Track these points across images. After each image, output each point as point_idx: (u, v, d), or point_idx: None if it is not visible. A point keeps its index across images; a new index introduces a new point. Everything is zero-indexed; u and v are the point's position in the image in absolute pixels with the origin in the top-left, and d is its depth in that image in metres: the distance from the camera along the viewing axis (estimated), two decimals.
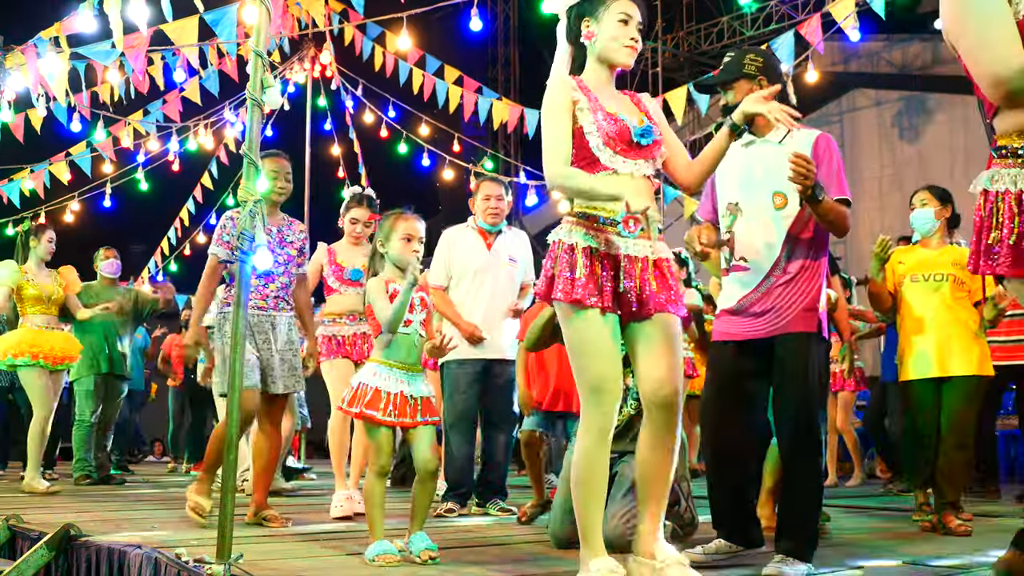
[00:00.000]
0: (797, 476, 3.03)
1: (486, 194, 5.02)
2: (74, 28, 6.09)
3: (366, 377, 3.18)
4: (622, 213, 2.52)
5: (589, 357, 2.57)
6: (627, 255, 2.60)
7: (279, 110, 10.58)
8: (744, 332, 3.11)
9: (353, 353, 4.80)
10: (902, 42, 12.16)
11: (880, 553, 3.50)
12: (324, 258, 4.90)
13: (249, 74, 2.89)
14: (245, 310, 2.78)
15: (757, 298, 3.07)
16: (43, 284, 6.23)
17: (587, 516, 2.58)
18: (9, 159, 9.80)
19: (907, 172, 11.83)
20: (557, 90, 2.68)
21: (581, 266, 2.56)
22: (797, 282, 3.05)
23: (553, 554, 3.42)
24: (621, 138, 2.63)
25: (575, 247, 2.59)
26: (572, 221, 2.64)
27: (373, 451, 3.18)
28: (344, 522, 4.36)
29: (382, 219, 3.35)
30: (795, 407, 3.00)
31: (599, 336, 2.57)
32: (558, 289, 2.58)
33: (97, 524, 3.88)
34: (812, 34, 6.44)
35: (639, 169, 2.67)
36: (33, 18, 7.14)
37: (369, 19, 8.53)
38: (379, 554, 3.03)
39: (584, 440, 2.58)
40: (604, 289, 2.57)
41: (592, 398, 2.57)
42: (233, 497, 2.64)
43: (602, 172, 2.63)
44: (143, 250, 13.04)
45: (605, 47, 2.71)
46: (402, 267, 3.24)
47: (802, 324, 3.03)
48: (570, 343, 2.61)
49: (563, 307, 2.60)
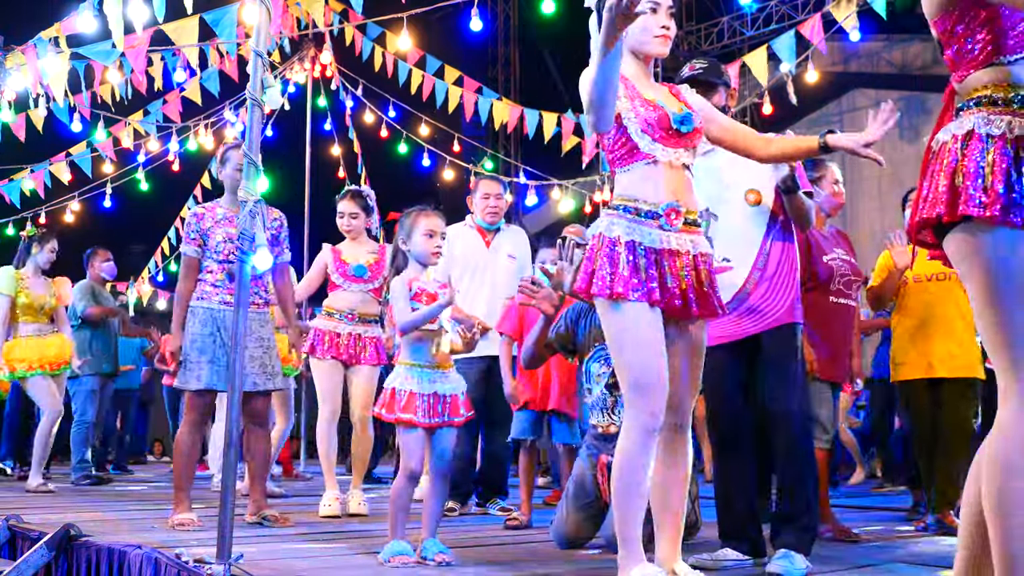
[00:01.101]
0: (794, 466, 3.03)
1: (485, 192, 5.03)
2: (74, 28, 6.09)
3: (399, 382, 3.13)
4: (664, 205, 2.48)
5: (633, 352, 2.45)
6: (670, 249, 2.50)
7: (279, 110, 10.59)
8: (736, 332, 3.10)
9: (345, 354, 4.73)
10: (902, 42, 12.16)
11: (880, 553, 3.50)
12: (328, 257, 4.88)
13: (249, 74, 2.89)
14: (245, 310, 2.78)
15: (746, 296, 3.07)
16: (36, 293, 6.24)
17: (628, 521, 2.45)
18: (9, 159, 9.79)
19: (907, 172, 11.80)
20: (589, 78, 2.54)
21: (624, 260, 2.46)
22: (779, 275, 3.08)
23: (554, 554, 3.41)
24: (660, 125, 2.54)
25: (618, 240, 2.49)
26: (613, 214, 2.54)
27: (405, 454, 3.13)
28: (332, 521, 4.36)
29: (403, 216, 3.31)
30: (789, 398, 3.02)
31: (643, 330, 2.45)
32: (599, 284, 2.47)
33: (97, 524, 3.88)
34: (812, 34, 6.44)
35: (679, 157, 2.57)
36: (33, 18, 7.13)
37: (369, 19, 8.53)
38: (395, 555, 3.00)
39: (627, 441, 2.45)
40: (649, 284, 2.46)
41: (637, 396, 2.44)
42: (233, 497, 2.64)
43: (641, 160, 2.54)
44: (143, 250, 13.03)
45: (636, 40, 2.61)
46: (424, 263, 3.22)
47: (788, 315, 3.07)
48: (612, 339, 2.51)
49: (604, 303, 2.49)
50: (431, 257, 3.22)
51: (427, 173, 11.36)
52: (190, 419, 4.10)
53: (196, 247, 4.17)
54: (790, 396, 3.03)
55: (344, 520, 4.43)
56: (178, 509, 3.99)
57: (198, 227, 4.18)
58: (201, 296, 4.14)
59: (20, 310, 6.19)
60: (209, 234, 4.17)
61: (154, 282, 12.34)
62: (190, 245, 4.17)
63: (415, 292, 3.16)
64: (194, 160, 11.32)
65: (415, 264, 3.24)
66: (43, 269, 6.34)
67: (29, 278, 6.25)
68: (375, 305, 4.83)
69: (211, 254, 4.17)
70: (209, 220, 4.20)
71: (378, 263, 4.84)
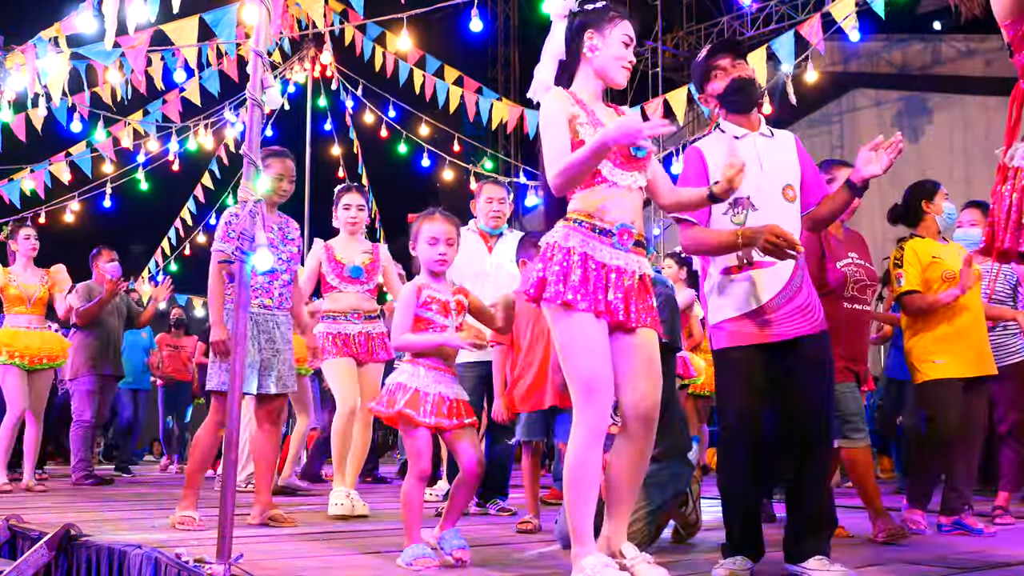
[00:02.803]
0: (819, 472, 2.95)
1: (488, 196, 5.01)
2: (74, 28, 6.09)
3: (404, 378, 3.08)
4: (618, 225, 2.62)
5: (581, 356, 2.58)
6: (617, 266, 2.63)
7: (279, 110, 10.59)
8: (775, 334, 2.92)
9: (357, 352, 4.71)
10: (902, 42, 12.16)
11: (889, 552, 3.50)
12: (322, 255, 4.80)
13: (249, 74, 2.89)
14: (246, 310, 2.78)
15: (790, 295, 2.93)
16: (26, 284, 6.28)
17: (579, 516, 2.58)
18: (9, 159, 9.79)
19: (907, 172, 11.83)
20: (555, 103, 2.69)
21: (576, 270, 2.59)
22: (808, 278, 3.01)
23: (554, 554, 3.41)
24: (620, 152, 2.66)
25: (572, 251, 2.61)
26: (570, 227, 2.66)
27: (412, 454, 3.05)
28: (341, 521, 4.35)
29: (414, 222, 3.26)
30: (820, 404, 2.92)
31: (591, 336, 2.58)
32: (550, 291, 2.60)
33: (97, 524, 3.88)
34: (812, 34, 6.45)
35: (635, 181, 2.70)
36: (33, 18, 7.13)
37: (369, 19, 8.53)
38: (416, 558, 2.93)
39: (576, 440, 2.58)
40: (596, 295, 2.59)
41: (586, 397, 2.58)
42: (233, 497, 2.64)
43: (601, 185, 2.66)
44: (143, 250, 13.06)
45: (606, 65, 2.74)
46: (431, 271, 3.16)
47: (823, 322, 2.97)
48: (561, 345, 2.63)
49: (554, 309, 2.61)
50: (434, 265, 3.14)
51: (427, 173, 11.38)
52: (215, 420, 4.07)
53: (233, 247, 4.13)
54: (820, 400, 2.92)
55: (345, 520, 4.42)
56: (182, 505, 4.00)
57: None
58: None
59: (10, 302, 6.28)
60: None
61: (154, 282, 12.35)
62: (229, 243, 4.05)
63: (424, 300, 3.08)
64: (194, 160, 11.34)
65: (424, 271, 3.17)
66: (33, 259, 6.36)
67: (18, 271, 6.32)
68: (373, 301, 4.83)
69: None
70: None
71: (373, 263, 4.82)
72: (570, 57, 2.78)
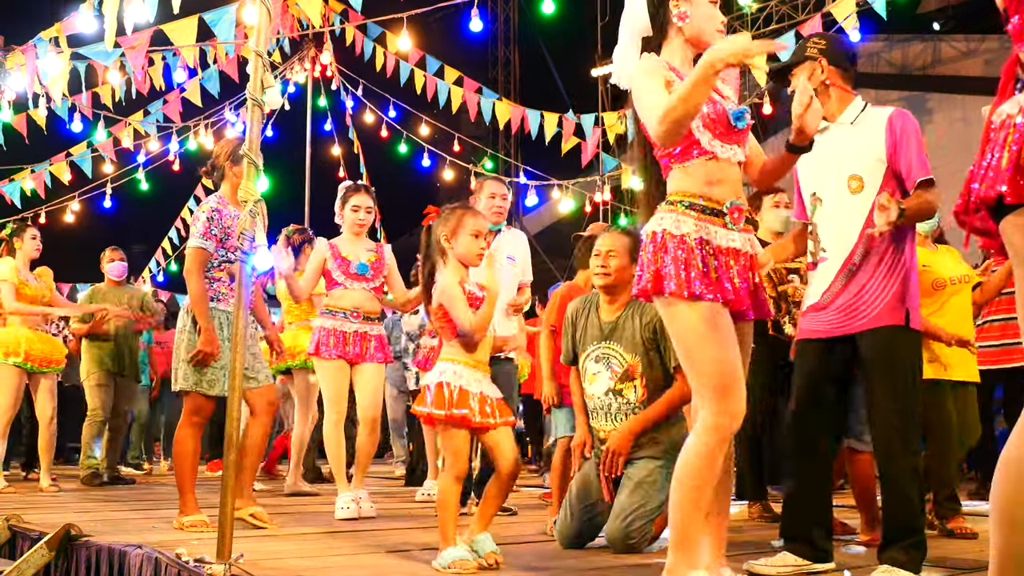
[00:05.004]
0: (895, 480, 2.86)
1: (491, 192, 5.00)
2: (74, 28, 6.10)
3: (448, 376, 2.98)
4: (728, 203, 2.40)
5: (714, 349, 2.31)
6: (734, 248, 2.41)
7: (279, 110, 10.59)
8: (827, 329, 2.94)
9: (351, 354, 4.67)
10: (902, 42, 12.16)
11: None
12: (327, 252, 4.76)
13: (249, 74, 2.89)
14: (246, 311, 2.78)
15: (838, 290, 2.91)
16: (34, 285, 6.27)
17: (691, 523, 2.31)
18: (9, 159, 9.80)
19: None
20: (653, 66, 2.44)
21: (697, 258, 2.34)
22: (879, 272, 2.89)
23: (555, 553, 3.41)
24: (720, 121, 2.42)
25: (686, 238, 2.36)
26: (677, 210, 2.40)
27: (451, 455, 2.97)
28: (335, 521, 4.35)
29: (444, 213, 3.19)
30: (887, 407, 2.85)
31: (720, 328, 2.33)
32: (671, 284, 2.32)
33: (97, 524, 3.87)
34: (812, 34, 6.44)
35: (735, 154, 2.46)
36: (33, 18, 7.14)
37: (369, 19, 8.54)
38: (455, 560, 2.84)
39: (700, 443, 2.30)
40: (722, 283, 2.35)
41: (719, 397, 2.29)
42: (233, 497, 2.64)
43: (701, 157, 2.41)
44: (143, 250, 13.05)
45: (701, 29, 2.50)
46: (467, 264, 3.13)
47: (887, 318, 2.86)
48: (686, 341, 2.35)
49: (675, 303, 2.34)
50: (476, 259, 3.12)
51: (427, 173, 11.38)
52: (194, 422, 3.99)
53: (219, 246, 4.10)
54: (886, 402, 2.85)
55: (346, 520, 4.42)
56: (185, 511, 3.91)
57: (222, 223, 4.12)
58: (216, 298, 4.06)
59: (24, 301, 6.18)
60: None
61: (155, 282, 12.35)
62: (210, 240, 4.04)
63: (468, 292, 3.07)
64: (194, 160, 11.34)
65: (457, 265, 3.13)
66: (33, 259, 6.34)
67: (24, 271, 6.27)
68: (377, 303, 4.79)
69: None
70: None
71: (378, 261, 4.80)
72: (657, 31, 2.53)
